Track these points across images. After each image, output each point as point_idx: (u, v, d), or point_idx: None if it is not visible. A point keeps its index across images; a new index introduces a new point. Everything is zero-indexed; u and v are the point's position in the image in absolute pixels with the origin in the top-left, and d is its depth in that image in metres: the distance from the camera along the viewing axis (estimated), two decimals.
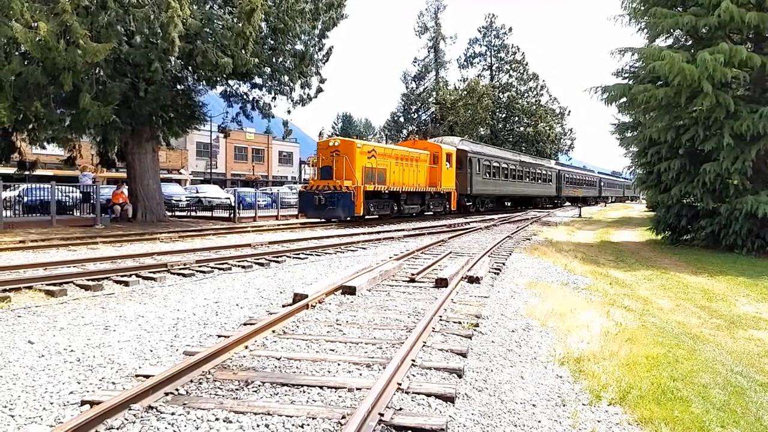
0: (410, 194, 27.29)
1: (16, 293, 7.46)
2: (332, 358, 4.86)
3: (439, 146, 30.26)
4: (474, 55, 71.33)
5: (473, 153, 34.50)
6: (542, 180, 48.12)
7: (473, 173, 33.88)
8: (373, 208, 23.96)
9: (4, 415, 3.68)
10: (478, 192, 35.05)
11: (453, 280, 8.47)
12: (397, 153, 26.58)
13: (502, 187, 39.22)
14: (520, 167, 42.83)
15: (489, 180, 36.63)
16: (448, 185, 30.49)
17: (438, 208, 30.00)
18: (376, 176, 24.12)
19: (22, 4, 15.30)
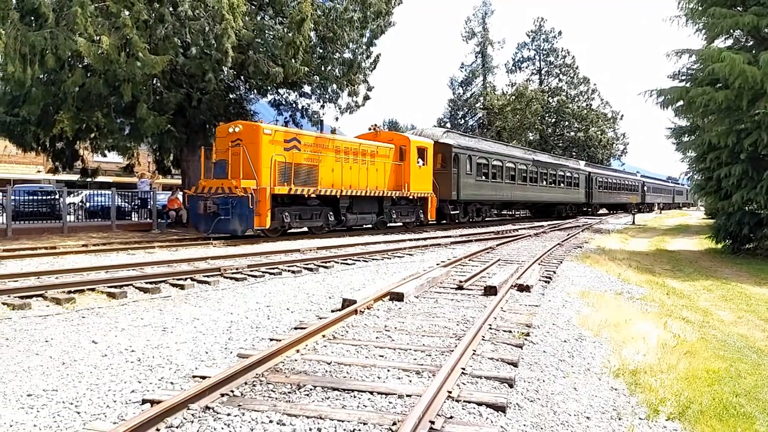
0: (358, 200, 20.63)
1: (80, 295, 7.79)
2: (382, 363, 4.89)
3: (407, 138, 23.51)
4: (522, 60, 70.56)
5: (461, 148, 27.15)
6: (567, 183, 40.45)
7: (461, 174, 26.71)
8: (290, 219, 17.62)
9: (71, 412, 3.85)
10: (469, 197, 27.77)
11: (502, 288, 8.40)
12: (338, 145, 19.96)
13: (507, 192, 31.62)
14: (535, 168, 35.24)
15: (485, 182, 29.29)
16: (421, 188, 23.69)
17: (407, 217, 23.65)
18: (300, 175, 18.00)
19: (86, 19, 16.00)
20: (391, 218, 22.63)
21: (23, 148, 22.20)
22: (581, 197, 43.45)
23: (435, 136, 26.66)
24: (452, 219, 27.08)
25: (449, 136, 27.86)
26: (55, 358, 5.04)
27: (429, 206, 24.39)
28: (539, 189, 36.05)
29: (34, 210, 20.13)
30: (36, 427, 3.61)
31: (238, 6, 18.34)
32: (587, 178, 44.37)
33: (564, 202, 40.91)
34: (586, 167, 45.69)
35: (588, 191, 44.50)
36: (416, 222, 24.13)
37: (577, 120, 67.33)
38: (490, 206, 32.14)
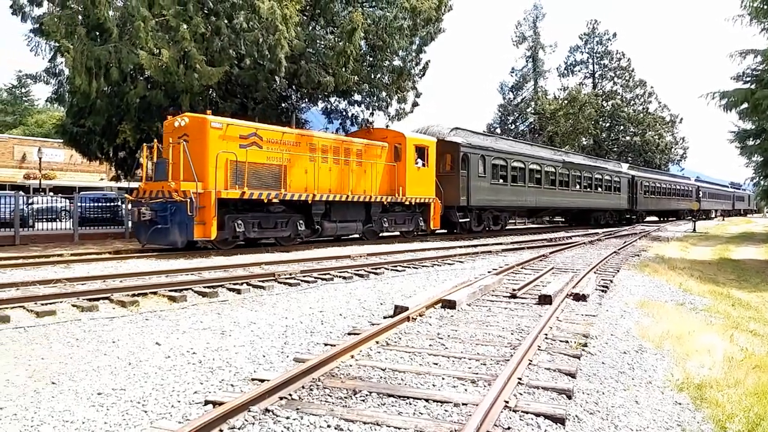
0: (338, 206, 17.91)
1: (143, 298, 8.10)
2: (436, 371, 4.90)
3: (402, 135, 20.45)
4: (575, 63, 69.36)
5: (471, 148, 23.95)
6: (605, 188, 36.39)
7: (472, 176, 23.57)
8: (244, 228, 14.90)
9: (138, 411, 4.01)
10: (482, 203, 24.48)
11: (557, 297, 8.27)
12: (314, 142, 17.41)
13: (531, 197, 28.04)
14: (565, 170, 31.42)
15: (503, 186, 25.97)
16: (420, 192, 20.73)
17: (403, 226, 20.67)
18: (260, 176, 15.48)
19: (147, 33, 16.65)
20: (381, 227, 19.65)
21: (88, 157, 23.24)
22: (623, 203, 39.22)
23: (440, 133, 23.57)
24: (463, 228, 23.87)
25: (457, 133, 24.30)
26: (122, 359, 5.26)
27: (431, 213, 21.43)
28: (571, 194, 32.14)
29: (98, 216, 21.09)
30: (106, 424, 3.78)
31: (291, 17, 18.71)
32: (631, 181, 40.20)
33: (602, 208, 36.77)
34: (629, 170, 41.53)
35: (632, 196, 40.29)
36: (415, 231, 21.24)
37: (633, 124, 65.63)
38: (512, 213, 29.21)
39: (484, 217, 25.16)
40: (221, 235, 14.43)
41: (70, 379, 4.66)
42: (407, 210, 20.73)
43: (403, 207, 20.49)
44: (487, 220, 25.48)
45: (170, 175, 14.08)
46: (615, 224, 38.44)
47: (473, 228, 24.33)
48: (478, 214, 24.68)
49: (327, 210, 17.57)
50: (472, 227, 24.21)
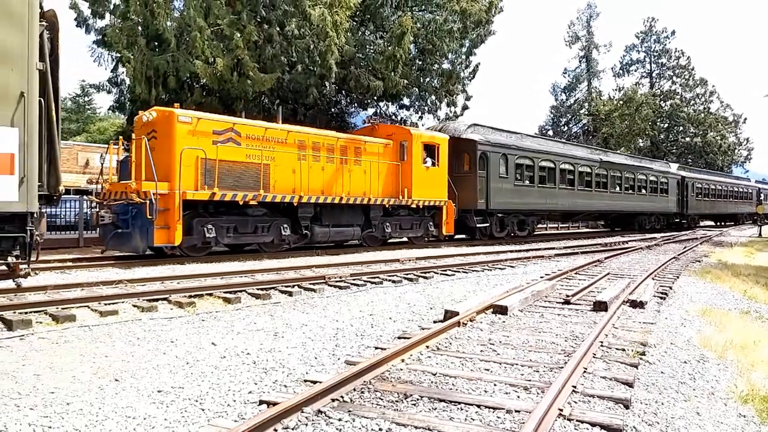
0: (331, 209, 16.42)
1: (199, 299, 8.35)
2: (488, 377, 4.86)
3: (408, 131, 18.87)
4: (631, 63, 67.60)
5: (491, 146, 21.88)
6: (650, 189, 33.58)
7: (492, 177, 21.57)
8: (216, 233, 13.44)
9: (196, 409, 4.14)
10: (505, 206, 22.38)
11: (613, 303, 8.08)
12: (302, 139, 15.78)
13: (563, 200, 25.81)
14: (603, 170, 29.05)
15: (529, 188, 23.84)
16: (429, 194, 18.97)
17: (410, 231, 19.02)
18: (236, 176, 14.10)
19: (203, 42, 17.15)
20: (383, 232, 17.99)
21: None
22: (671, 206, 36.19)
23: (456, 130, 21.80)
24: (483, 234, 22.00)
25: (475, 130, 22.21)
26: (180, 358, 5.43)
27: (444, 217, 19.65)
28: (610, 196, 29.65)
29: None
30: (166, 420, 3.91)
31: (341, 23, 18.94)
32: (680, 183, 37.30)
33: (646, 211, 33.91)
34: (678, 170, 38.63)
35: (681, 199, 37.27)
36: (425, 237, 19.62)
37: (693, 125, 63.45)
38: (541, 217, 26.70)
39: (507, 221, 23.17)
40: (188, 240, 13.01)
41: (132, 377, 4.84)
42: (415, 214, 19.07)
43: (409, 210, 18.82)
44: (510, 225, 23.45)
45: (133, 175, 12.93)
46: (662, 229, 36.11)
47: (495, 233, 22.47)
48: (500, 219, 22.77)
49: (317, 213, 16.12)
50: (493, 233, 22.31)
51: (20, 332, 6.26)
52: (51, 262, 11.30)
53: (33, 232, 6.48)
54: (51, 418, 3.88)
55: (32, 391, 4.45)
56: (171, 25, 18.54)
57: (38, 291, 8.28)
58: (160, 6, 17.64)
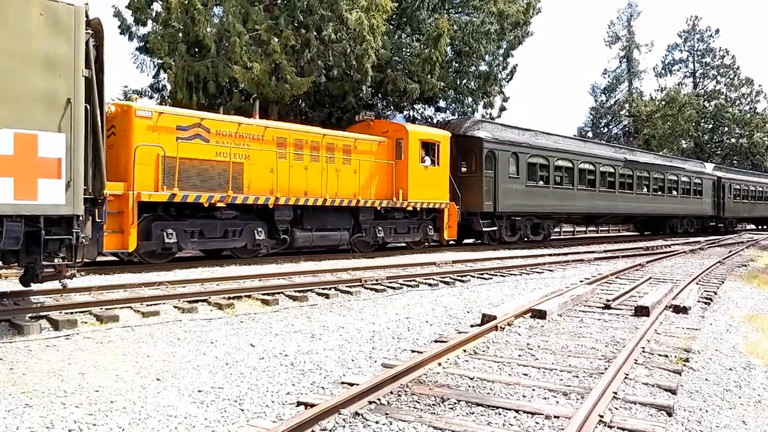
0: (314, 211, 14.95)
1: (238, 301, 8.46)
2: (526, 382, 4.81)
3: (404, 127, 17.40)
4: (673, 62, 65.93)
5: (499, 144, 20.18)
6: (681, 191, 31.42)
7: (500, 177, 19.95)
8: (177, 238, 12.23)
9: (236, 409, 4.20)
10: (514, 209, 20.71)
11: (655, 308, 7.90)
12: (282, 135, 14.44)
13: (582, 202, 24.01)
14: (628, 170, 27.13)
15: (542, 189, 22.02)
16: (428, 196, 17.50)
17: (407, 235, 17.53)
18: (205, 175, 12.94)
19: (242, 48, 17.44)
20: (375, 237, 16.45)
21: None
22: (705, 209, 33.87)
23: (460, 128, 20.11)
24: (492, 238, 20.29)
25: (482, 127, 20.46)
26: (219, 359, 5.52)
27: (445, 221, 18.14)
28: (636, 198, 27.62)
29: None
30: (206, 420, 3.98)
31: (378, 27, 19.02)
32: (716, 184, 34.95)
33: (677, 214, 31.71)
34: (714, 171, 36.09)
35: (717, 201, 34.83)
36: (425, 242, 18.13)
37: (739, 125, 61.50)
38: (558, 220, 24.99)
39: (518, 225, 21.39)
40: (146, 246, 11.90)
41: (173, 376, 4.94)
42: (412, 217, 17.56)
43: (405, 213, 17.29)
44: (523, 229, 21.64)
45: None
46: (696, 233, 33.96)
47: (505, 238, 20.75)
48: (512, 222, 21.11)
49: (298, 216, 14.70)
50: (503, 237, 20.63)
51: (66, 332, 6.45)
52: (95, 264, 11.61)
53: (78, 235, 6.66)
54: (95, 416, 3.99)
55: (77, 389, 4.58)
56: (211, 32, 18.91)
57: (83, 292, 8.52)
58: (201, 13, 18.00)
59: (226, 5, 18.38)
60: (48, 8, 6.18)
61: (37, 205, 6.21)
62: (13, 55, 5.99)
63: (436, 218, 18.21)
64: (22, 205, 6.13)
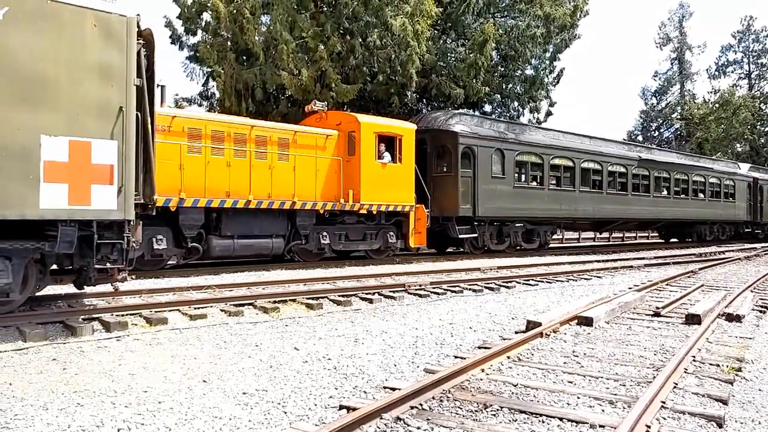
0: (235, 215, 12.75)
1: (283, 305, 8.58)
2: (570, 390, 4.72)
3: (356, 119, 14.82)
4: (727, 64, 63.63)
5: (479, 139, 17.72)
6: (710, 193, 28.32)
7: (481, 177, 17.61)
8: None
9: (279, 411, 4.25)
10: (498, 213, 18.29)
11: (707, 316, 7.63)
12: (195, 127, 12.44)
13: (584, 206, 21.22)
14: (644, 170, 24.18)
15: (535, 191, 19.52)
16: (389, 198, 15.11)
17: (364, 243, 15.15)
18: None
19: (288, 55, 17.73)
20: (319, 244, 14.16)
21: None
22: (739, 213, 30.29)
23: (436, 121, 17.82)
24: (474, 246, 18.11)
25: (461, 120, 18.04)
26: (264, 361, 5.61)
27: (411, 226, 15.73)
28: (653, 201, 24.57)
29: None
30: (250, 422, 4.04)
31: (423, 32, 19.04)
32: (752, 186, 31.44)
33: (704, 219, 28.38)
34: (750, 172, 32.45)
35: (754, 205, 31.38)
36: (389, 251, 15.79)
37: None
38: (557, 226, 22.04)
39: (506, 231, 18.96)
40: None
41: (219, 378, 5.04)
42: (369, 221, 15.24)
43: (359, 217, 14.98)
44: (513, 236, 19.21)
45: None
46: (728, 240, 30.86)
47: (491, 246, 18.48)
48: (498, 228, 18.75)
49: (213, 221, 12.56)
50: (489, 245, 18.37)
51: (117, 334, 6.67)
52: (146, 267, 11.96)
53: (130, 239, 6.89)
54: (143, 416, 4.11)
55: (127, 389, 4.73)
56: (259, 40, 19.30)
57: (134, 295, 8.80)
58: (249, 22, 18.41)
59: (274, 13, 18.73)
60: (101, 20, 6.44)
61: (90, 210, 6.45)
62: (69, 65, 6.26)
63: (403, 223, 15.83)
64: (76, 210, 6.38)
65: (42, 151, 6.09)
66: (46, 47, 6.12)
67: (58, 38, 6.19)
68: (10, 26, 5.92)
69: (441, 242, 18.17)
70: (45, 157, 6.11)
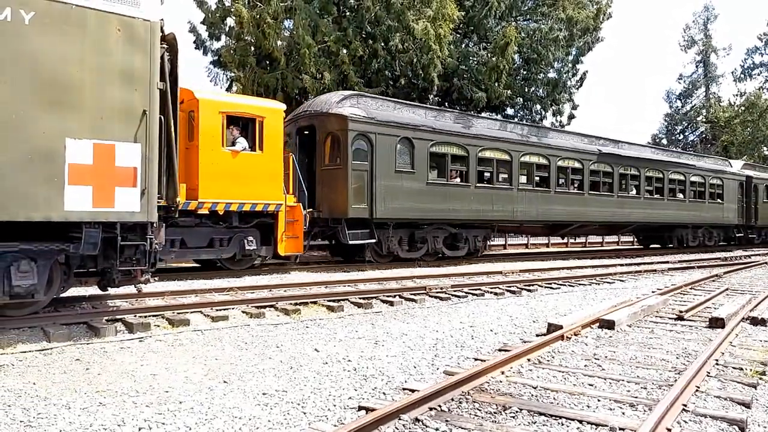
0: None
1: (304, 307, 8.62)
2: (591, 393, 4.68)
3: (193, 95, 11.45)
4: (753, 66, 62.40)
5: (376, 125, 14.52)
6: (692, 194, 24.74)
7: (379, 171, 14.46)
8: None
9: (298, 412, 4.28)
10: (404, 214, 15.04)
11: (731, 320, 7.51)
12: None
13: (524, 206, 17.86)
14: (606, 166, 20.64)
15: (457, 189, 16.26)
16: (246, 194, 11.89)
17: (214, 251, 11.97)
18: None
19: (311, 60, 17.86)
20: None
21: None
22: (728, 216, 26.62)
23: (325, 104, 14.71)
24: (378, 254, 15.12)
25: (357, 103, 14.76)
26: (284, 363, 5.65)
27: (281, 229, 12.54)
28: (619, 203, 21.16)
29: None
30: (270, 422, 4.08)
31: (445, 36, 19.04)
32: (744, 185, 27.90)
33: (684, 223, 24.63)
34: (743, 169, 28.73)
35: (747, 207, 27.82)
36: (245, 258, 12.50)
37: None
38: (491, 230, 18.10)
39: (420, 236, 15.79)
40: None
41: (239, 379, 5.09)
42: (217, 224, 11.95)
43: (200, 219, 11.70)
44: (430, 242, 16.03)
45: None
46: (715, 246, 26.82)
47: (401, 253, 15.42)
48: (409, 232, 15.66)
49: None
50: (398, 252, 15.32)
51: (140, 335, 6.76)
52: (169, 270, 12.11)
53: (153, 241, 6.99)
54: (164, 416, 4.16)
55: (148, 389, 4.79)
56: (281, 45, 19.47)
57: (156, 296, 8.90)
58: (271, 27, 18.58)
59: (296, 18, 18.88)
60: (126, 24, 6.55)
61: (113, 212, 6.56)
62: (94, 69, 6.38)
63: (270, 226, 12.65)
64: (100, 212, 6.49)
65: (67, 154, 6.21)
66: (71, 51, 6.24)
67: (83, 43, 6.31)
68: (36, 31, 6.05)
69: (350, 249, 15.19)
70: (70, 160, 6.23)
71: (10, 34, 5.92)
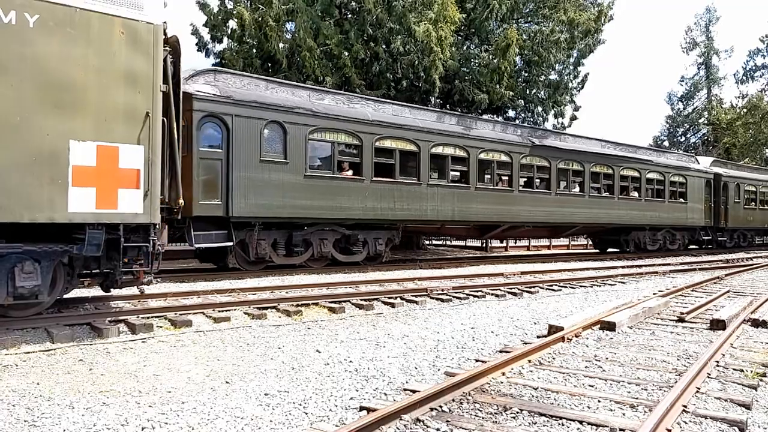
0: None
1: (306, 308, 8.66)
2: (591, 394, 4.70)
3: None
4: (755, 68, 62.37)
5: (234, 105, 12.16)
6: (650, 192, 22.42)
7: (238, 159, 12.15)
8: None
9: (300, 412, 4.31)
10: (274, 212, 12.72)
11: (732, 322, 7.52)
12: None
13: (433, 204, 15.58)
14: (539, 159, 18.43)
15: (342, 183, 13.89)
16: None
17: None
18: None
19: (313, 62, 17.89)
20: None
21: None
22: (694, 217, 24.25)
23: None
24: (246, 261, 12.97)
25: (213, 80, 12.58)
26: (286, 364, 5.67)
27: None
28: (556, 201, 18.83)
29: None
30: (272, 422, 4.10)
31: (446, 38, 19.07)
32: (712, 184, 25.67)
33: (640, 225, 22.21)
34: (712, 167, 26.45)
35: (716, 207, 25.71)
36: None
37: None
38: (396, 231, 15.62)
39: (300, 238, 13.53)
40: None
41: (241, 380, 5.12)
42: None
43: None
44: (316, 245, 13.86)
45: None
46: (679, 250, 24.33)
47: (275, 259, 13.26)
48: (286, 234, 13.37)
49: None
50: (271, 257, 13.12)
51: (142, 335, 6.79)
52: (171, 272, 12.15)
53: (155, 242, 7.02)
54: (167, 415, 4.19)
55: (151, 389, 4.83)
56: (283, 47, 19.51)
57: (159, 298, 8.93)
58: (273, 29, 18.63)
59: (298, 21, 18.93)
60: (129, 27, 6.60)
61: (116, 213, 6.60)
62: (97, 71, 6.43)
63: None
64: (103, 214, 6.53)
65: (70, 156, 6.26)
66: (75, 54, 6.29)
67: (87, 45, 6.36)
68: (40, 34, 6.10)
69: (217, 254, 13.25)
70: (73, 162, 6.28)
71: (14, 36, 5.97)
